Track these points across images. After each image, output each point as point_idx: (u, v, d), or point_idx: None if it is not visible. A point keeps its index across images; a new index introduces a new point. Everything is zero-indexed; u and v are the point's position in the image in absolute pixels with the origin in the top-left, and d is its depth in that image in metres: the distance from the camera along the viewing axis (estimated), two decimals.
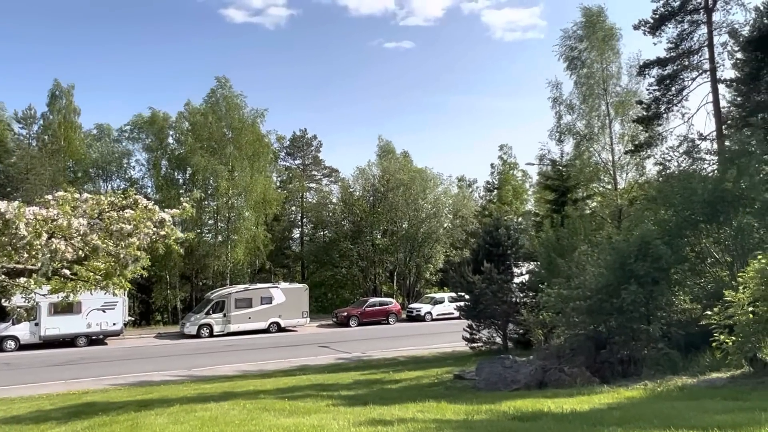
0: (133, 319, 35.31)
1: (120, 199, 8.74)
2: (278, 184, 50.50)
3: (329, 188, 54.46)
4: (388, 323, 36.54)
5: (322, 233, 53.10)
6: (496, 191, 58.48)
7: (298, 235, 54.60)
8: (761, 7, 24.17)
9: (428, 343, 26.83)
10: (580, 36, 31.40)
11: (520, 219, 51.86)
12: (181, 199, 9.34)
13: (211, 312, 31.67)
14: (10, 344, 26.72)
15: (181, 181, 42.07)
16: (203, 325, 31.32)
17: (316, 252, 51.01)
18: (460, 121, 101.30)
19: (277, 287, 34.56)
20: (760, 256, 10.16)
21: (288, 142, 54.69)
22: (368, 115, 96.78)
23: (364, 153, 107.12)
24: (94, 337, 28.59)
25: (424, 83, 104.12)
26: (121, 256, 8.57)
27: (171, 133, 42.16)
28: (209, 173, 39.24)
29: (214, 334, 31.27)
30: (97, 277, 9.03)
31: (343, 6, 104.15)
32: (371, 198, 48.35)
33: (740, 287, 10.15)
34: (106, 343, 28.96)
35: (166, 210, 9.03)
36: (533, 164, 38.64)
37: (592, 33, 31.10)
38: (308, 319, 34.78)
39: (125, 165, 42.94)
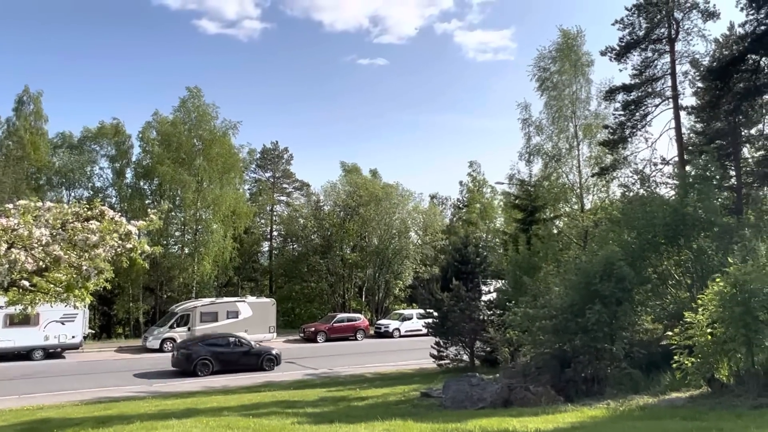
0: (93, 332, 34.27)
1: (85, 209, 8.54)
2: (248, 196, 50.02)
3: (300, 202, 54.24)
4: (356, 339, 36.31)
5: (291, 247, 52.70)
6: (465, 209, 59.06)
7: (267, 249, 54.05)
8: (720, 39, 25.29)
9: (396, 359, 26.73)
10: (554, 57, 32.12)
11: (488, 237, 52.46)
12: (149, 210, 9.16)
13: (175, 326, 30.97)
14: None
15: (148, 191, 41.29)
16: (167, 339, 30.57)
17: (285, 266, 50.54)
18: (432, 139, 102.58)
19: (243, 301, 34.06)
20: (718, 279, 10.49)
21: (259, 155, 54.37)
22: (339, 129, 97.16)
23: (335, 167, 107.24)
24: (51, 350, 27.60)
25: (397, 100, 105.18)
26: (84, 268, 8.35)
27: (137, 143, 41.41)
28: (177, 184, 38.64)
29: None
30: (58, 289, 8.77)
31: (317, 21, 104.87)
32: (341, 213, 48.28)
33: (699, 309, 10.46)
34: (63, 357, 28.00)
35: (132, 222, 8.86)
36: (502, 183, 39.17)
37: (566, 55, 31.85)
38: (275, 334, 34.31)
39: (89, 173, 41.86)
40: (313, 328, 36.27)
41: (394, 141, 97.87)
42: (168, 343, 30.48)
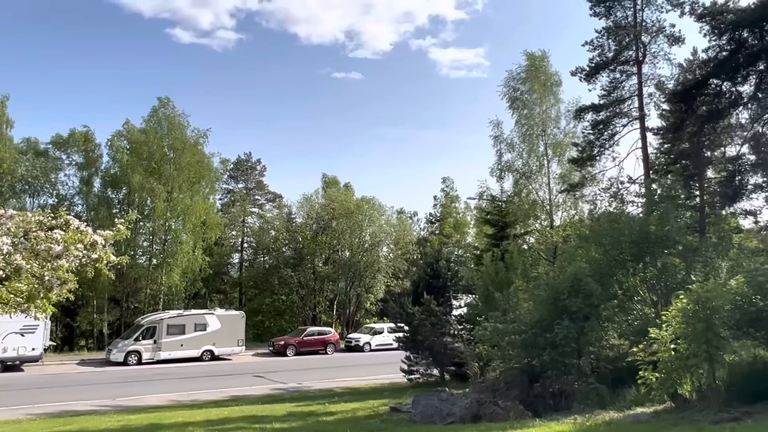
0: (54, 344, 33.26)
1: (49, 218, 8.33)
2: (220, 207, 49.42)
3: (272, 214, 53.78)
4: (326, 353, 36.02)
5: (262, 259, 52.16)
6: (438, 223, 59.41)
7: (237, 260, 53.36)
8: (684, 64, 26.17)
9: (366, 374, 26.59)
10: (524, 78, 32.86)
11: (460, 251, 52.78)
12: (116, 220, 8.98)
13: (140, 338, 30.28)
14: None
15: (115, 200, 40.45)
16: (131, 351, 29.86)
17: (256, 278, 49.96)
18: (406, 152, 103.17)
19: (212, 314, 33.55)
20: (681, 296, 10.72)
21: (232, 165, 53.94)
22: (313, 142, 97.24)
23: (309, 180, 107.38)
24: (9, 363, 26.68)
25: (371, 114, 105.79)
26: (46, 278, 8.13)
27: (106, 151, 40.61)
28: (146, 193, 38.00)
29: (143, 361, 29.86)
30: (18, 299, 8.51)
31: (293, 34, 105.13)
32: (314, 225, 48.06)
33: (663, 325, 10.66)
34: (22, 370, 27.09)
35: (98, 231, 8.66)
36: (474, 198, 39.61)
37: (534, 76, 32.60)
38: (243, 347, 33.84)
39: (53, 180, 40.69)
40: (282, 342, 35.87)
41: (368, 154, 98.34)
42: (133, 356, 29.75)
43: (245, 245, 53.39)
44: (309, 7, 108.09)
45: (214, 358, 32.13)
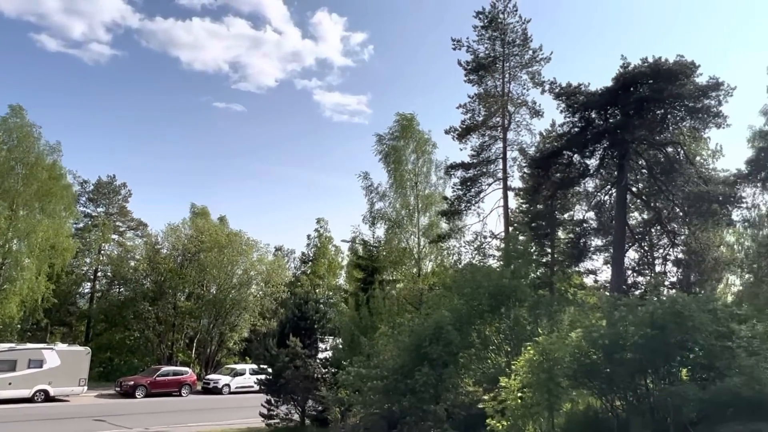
0: None
1: None
2: (74, 231, 45.08)
3: (134, 242, 50.10)
4: (181, 395, 33.76)
5: (117, 290, 48.14)
6: (310, 263, 59.09)
7: (88, 290, 48.70)
8: (544, 133, 29.10)
9: (223, 417, 25.22)
10: (397, 136, 34.65)
11: (331, 293, 52.75)
12: None
13: None
14: None
15: None
16: None
17: (108, 311, 45.75)
18: (283, 190, 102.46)
19: (52, 349, 30.13)
20: (529, 347, 11.63)
21: (92, 187, 49.82)
22: (188, 171, 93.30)
23: (180, 209, 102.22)
24: None
25: (250, 148, 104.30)
26: None
27: None
28: None
29: None
30: None
31: (174, 57, 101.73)
32: (180, 257, 45.51)
33: (513, 374, 11.46)
34: None
35: None
36: (347, 241, 40.12)
37: (407, 135, 34.55)
38: (86, 387, 30.65)
39: None
40: (132, 382, 33.05)
41: (244, 188, 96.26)
42: None
43: (99, 274, 49.01)
44: (194, 33, 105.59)
45: (48, 399, 28.73)
